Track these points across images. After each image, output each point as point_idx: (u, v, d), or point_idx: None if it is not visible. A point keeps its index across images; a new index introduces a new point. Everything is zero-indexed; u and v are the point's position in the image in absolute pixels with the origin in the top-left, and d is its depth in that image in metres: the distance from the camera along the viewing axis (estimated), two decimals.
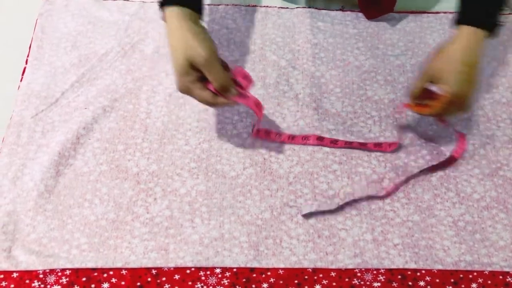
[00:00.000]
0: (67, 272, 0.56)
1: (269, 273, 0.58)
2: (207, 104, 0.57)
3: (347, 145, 0.66)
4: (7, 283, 0.55)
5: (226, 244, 0.59)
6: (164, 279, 0.57)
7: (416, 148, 0.68)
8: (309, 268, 0.58)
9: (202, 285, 0.56)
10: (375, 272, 0.58)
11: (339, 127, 0.69)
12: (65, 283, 0.56)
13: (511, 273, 0.58)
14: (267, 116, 0.70)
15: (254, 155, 0.66)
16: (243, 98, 0.56)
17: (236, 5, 0.82)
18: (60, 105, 0.69)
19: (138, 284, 0.56)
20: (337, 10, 0.82)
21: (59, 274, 0.56)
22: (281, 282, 0.57)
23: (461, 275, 0.58)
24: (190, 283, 0.56)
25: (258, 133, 0.62)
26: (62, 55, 0.74)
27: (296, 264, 0.58)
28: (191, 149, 0.66)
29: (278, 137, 0.65)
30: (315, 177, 0.65)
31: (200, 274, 0.57)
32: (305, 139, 0.65)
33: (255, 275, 0.57)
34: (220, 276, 0.57)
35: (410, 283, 0.57)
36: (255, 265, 0.58)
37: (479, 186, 0.65)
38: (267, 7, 0.82)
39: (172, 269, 0.57)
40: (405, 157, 0.67)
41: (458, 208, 0.63)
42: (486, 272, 0.58)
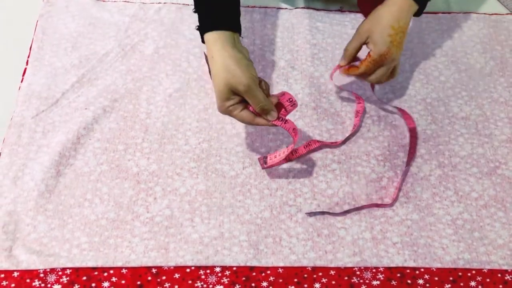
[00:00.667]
0: (68, 271, 0.57)
1: (268, 272, 0.58)
2: (247, 124, 0.58)
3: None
4: (7, 283, 0.56)
5: (226, 243, 0.59)
6: (164, 278, 0.57)
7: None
8: (308, 266, 0.58)
9: (202, 283, 0.57)
10: (374, 270, 0.58)
11: (338, 126, 0.69)
12: (65, 282, 0.56)
13: (509, 271, 0.58)
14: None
15: (253, 155, 0.66)
16: (283, 122, 0.57)
17: None
18: (60, 106, 0.69)
19: (138, 283, 0.56)
20: (335, 11, 0.82)
21: (60, 273, 0.56)
22: (281, 280, 0.57)
23: (459, 273, 0.58)
24: (190, 282, 0.57)
25: (267, 164, 0.63)
26: (62, 56, 0.74)
27: (295, 262, 0.58)
28: (190, 149, 0.67)
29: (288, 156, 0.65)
30: (314, 176, 0.65)
31: (200, 273, 0.57)
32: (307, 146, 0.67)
33: (254, 274, 0.58)
34: (220, 275, 0.57)
35: (409, 281, 0.58)
36: (255, 263, 0.58)
37: (478, 185, 0.65)
38: (266, 7, 0.82)
39: (172, 268, 0.58)
40: (404, 156, 0.67)
41: (456, 206, 0.63)
42: (484, 270, 0.59)
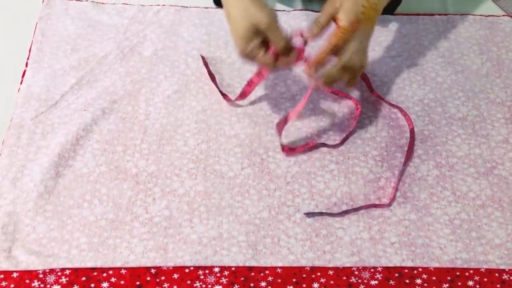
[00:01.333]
0: (67, 271, 0.57)
1: (267, 272, 0.58)
2: (268, 66, 0.60)
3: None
4: (7, 283, 0.56)
5: (224, 243, 0.60)
6: (163, 278, 0.57)
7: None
8: (307, 266, 0.58)
9: (201, 284, 0.57)
10: (372, 270, 0.58)
11: (336, 127, 0.70)
12: (64, 282, 0.56)
13: (507, 270, 0.59)
14: (264, 116, 0.70)
15: (252, 156, 0.67)
16: (299, 61, 0.60)
17: None
18: (59, 107, 0.70)
19: (137, 283, 0.56)
20: None
21: (59, 273, 0.57)
22: (279, 280, 0.57)
23: (457, 272, 0.59)
24: (189, 282, 0.57)
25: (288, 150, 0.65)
26: (61, 58, 0.75)
27: (294, 262, 0.59)
28: (189, 150, 0.67)
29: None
30: (313, 176, 0.65)
31: (199, 273, 0.58)
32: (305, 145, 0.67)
33: (253, 274, 0.58)
34: (218, 275, 0.58)
35: (407, 281, 0.58)
36: (254, 264, 0.58)
37: (475, 185, 0.65)
38: None
39: (171, 268, 0.58)
40: (402, 156, 0.68)
41: (454, 206, 0.63)
42: (482, 269, 0.59)
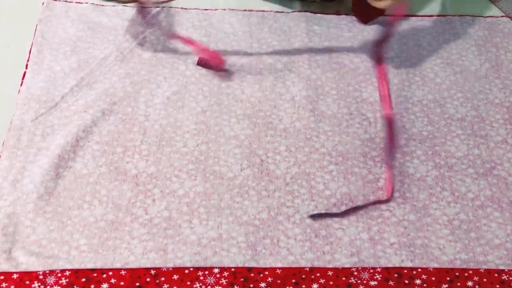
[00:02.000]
0: (67, 273, 0.57)
1: (266, 273, 0.58)
2: None
3: None
4: (7, 284, 0.56)
5: (224, 244, 0.60)
6: (163, 279, 0.57)
7: (411, 148, 0.69)
8: (306, 267, 0.59)
9: (200, 285, 0.57)
10: (371, 271, 0.59)
11: (335, 128, 0.70)
12: (64, 284, 0.56)
13: (506, 271, 0.59)
14: (264, 118, 0.71)
15: (251, 157, 0.67)
16: None
17: (233, 9, 0.83)
18: (59, 109, 0.70)
19: (137, 284, 0.57)
20: (332, 14, 0.83)
21: (59, 275, 0.57)
22: (279, 281, 0.58)
23: (456, 273, 0.59)
24: (188, 283, 0.57)
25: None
26: (61, 60, 0.75)
27: (293, 263, 0.59)
28: (189, 151, 0.67)
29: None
30: (312, 177, 0.65)
31: (198, 274, 0.58)
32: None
33: (253, 275, 0.58)
34: (218, 276, 0.58)
35: (406, 282, 0.58)
36: (253, 264, 0.58)
37: (474, 185, 0.65)
38: (264, 11, 0.83)
39: (170, 269, 0.58)
40: (400, 157, 0.68)
41: (453, 207, 0.64)
42: (481, 270, 0.59)
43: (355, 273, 0.58)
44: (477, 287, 0.58)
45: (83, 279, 0.57)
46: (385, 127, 0.68)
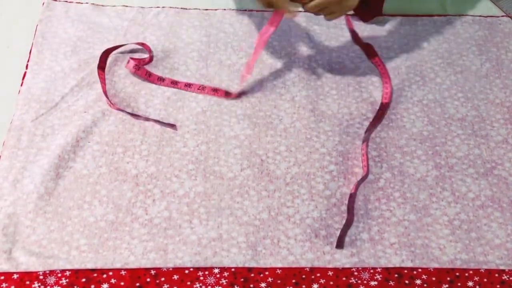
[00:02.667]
0: (67, 273, 0.57)
1: (267, 273, 0.58)
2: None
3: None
4: (7, 284, 0.56)
5: (224, 244, 0.60)
6: (163, 279, 0.57)
7: (411, 148, 0.68)
8: (306, 267, 0.59)
9: (200, 285, 0.57)
10: (372, 271, 0.58)
11: (335, 128, 0.70)
12: (65, 284, 0.56)
13: (507, 271, 0.59)
14: (264, 118, 0.71)
15: (251, 157, 0.67)
16: None
17: (233, 9, 0.83)
18: (60, 109, 0.70)
19: (137, 284, 0.57)
20: None
21: (59, 275, 0.57)
22: (279, 281, 0.58)
23: (457, 273, 0.59)
24: (188, 283, 0.57)
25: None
26: (62, 60, 0.75)
27: (293, 263, 0.59)
28: (189, 151, 0.67)
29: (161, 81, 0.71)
30: (312, 177, 0.65)
31: (198, 274, 0.58)
32: (200, 89, 0.71)
33: (253, 275, 0.58)
34: (218, 276, 0.58)
35: (406, 282, 0.58)
36: (253, 265, 0.58)
37: (474, 185, 0.65)
38: (264, 11, 0.83)
39: (171, 269, 0.58)
40: (401, 157, 0.68)
41: (453, 207, 0.63)
42: (482, 270, 0.59)
43: (355, 273, 0.58)
44: (477, 287, 0.58)
45: (83, 279, 0.57)
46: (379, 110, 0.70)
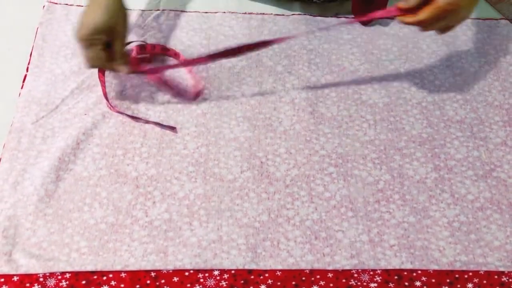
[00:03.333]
0: (67, 275, 0.57)
1: (266, 275, 0.58)
2: (101, 65, 0.65)
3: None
4: (7, 287, 0.56)
5: (224, 246, 0.60)
6: (163, 281, 0.57)
7: (410, 151, 0.69)
8: (306, 269, 0.59)
9: (200, 287, 0.57)
10: (371, 272, 0.59)
11: (334, 130, 0.70)
12: (65, 286, 0.56)
13: (506, 272, 0.59)
14: (264, 120, 0.71)
15: (251, 159, 0.67)
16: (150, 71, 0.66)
17: (233, 12, 0.83)
18: (60, 112, 0.70)
19: (137, 286, 0.57)
20: (331, 16, 0.84)
21: (59, 277, 0.57)
22: (279, 283, 0.58)
23: (456, 275, 0.59)
24: (188, 285, 0.57)
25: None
26: (62, 63, 0.75)
27: (293, 265, 0.59)
28: (189, 153, 0.67)
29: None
30: (312, 179, 0.65)
31: (198, 276, 0.58)
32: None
33: (253, 277, 0.58)
34: (218, 278, 0.58)
35: (406, 284, 0.58)
36: (253, 266, 0.58)
37: (473, 187, 0.65)
38: (263, 14, 0.83)
39: (171, 271, 0.58)
40: (400, 159, 0.68)
41: (453, 209, 0.64)
42: (481, 272, 0.59)
43: (355, 275, 0.58)
44: None
45: (84, 282, 0.57)
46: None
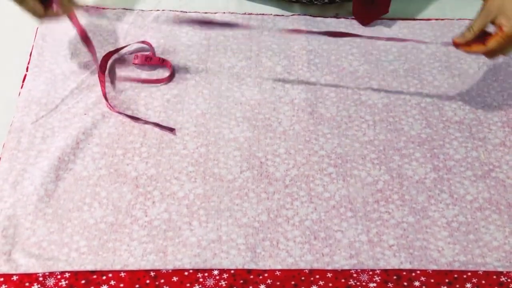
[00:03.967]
0: (67, 274, 0.57)
1: (266, 275, 0.58)
2: (36, 15, 0.63)
3: None
4: (7, 286, 0.56)
5: (223, 246, 0.60)
6: (162, 281, 0.57)
7: (409, 151, 0.69)
8: (305, 269, 0.59)
9: (200, 286, 0.57)
10: (370, 272, 0.59)
11: (334, 131, 0.70)
12: (64, 285, 0.56)
13: (505, 272, 0.59)
14: (263, 120, 0.71)
15: (250, 159, 0.67)
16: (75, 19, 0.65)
17: (232, 12, 0.83)
18: (60, 111, 0.70)
19: (137, 286, 0.57)
20: (331, 17, 0.84)
21: (59, 277, 0.57)
22: (278, 283, 0.58)
23: (455, 275, 0.59)
24: (188, 285, 0.57)
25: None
26: (62, 63, 0.75)
27: (292, 265, 0.59)
28: (188, 153, 0.67)
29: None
30: (311, 180, 0.66)
31: (198, 276, 0.58)
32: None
33: (252, 277, 0.58)
34: (217, 277, 0.58)
35: (405, 283, 0.58)
36: (252, 266, 0.59)
37: (472, 187, 0.66)
38: (263, 14, 0.83)
39: (170, 271, 0.58)
40: (399, 160, 0.68)
41: (451, 209, 0.64)
42: (480, 272, 0.59)
43: (354, 275, 0.58)
44: None
45: (83, 281, 0.57)
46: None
